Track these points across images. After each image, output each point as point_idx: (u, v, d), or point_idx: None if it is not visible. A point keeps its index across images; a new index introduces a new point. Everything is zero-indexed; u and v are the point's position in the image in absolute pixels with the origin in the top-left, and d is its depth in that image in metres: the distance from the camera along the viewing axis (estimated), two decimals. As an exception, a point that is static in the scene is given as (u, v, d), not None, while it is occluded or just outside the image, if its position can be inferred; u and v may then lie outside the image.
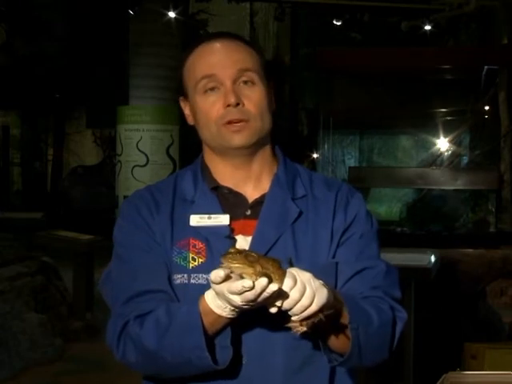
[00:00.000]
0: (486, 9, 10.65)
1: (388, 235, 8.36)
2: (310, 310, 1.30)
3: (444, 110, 11.35)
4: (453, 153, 11.25)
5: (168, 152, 8.78)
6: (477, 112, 10.89)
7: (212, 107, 1.52)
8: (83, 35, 13.24)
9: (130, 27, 9.19)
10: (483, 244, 7.05)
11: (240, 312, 1.33)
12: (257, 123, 1.53)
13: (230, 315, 1.34)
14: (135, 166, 8.72)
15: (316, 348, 1.46)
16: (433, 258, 4.48)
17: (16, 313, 5.53)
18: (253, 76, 1.54)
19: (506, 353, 3.63)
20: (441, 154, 11.31)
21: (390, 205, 12.04)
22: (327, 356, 1.43)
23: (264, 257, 1.32)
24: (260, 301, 1.27)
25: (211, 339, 1.39)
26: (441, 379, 2.09)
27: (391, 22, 11.35)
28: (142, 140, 8.70)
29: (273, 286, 1.25)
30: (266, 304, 1.30)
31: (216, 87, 1.52)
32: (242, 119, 1.51)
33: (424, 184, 10.53)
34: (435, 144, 11.40)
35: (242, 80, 1.53)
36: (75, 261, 6.71)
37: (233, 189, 1.57)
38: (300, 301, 1.28)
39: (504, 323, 5.10)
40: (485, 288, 5.80)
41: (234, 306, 1.31)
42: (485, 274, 5.96)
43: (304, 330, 1.33)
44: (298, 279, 1.29)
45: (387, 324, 1.49)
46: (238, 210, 1.55)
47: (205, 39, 1.58)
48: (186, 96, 1.59)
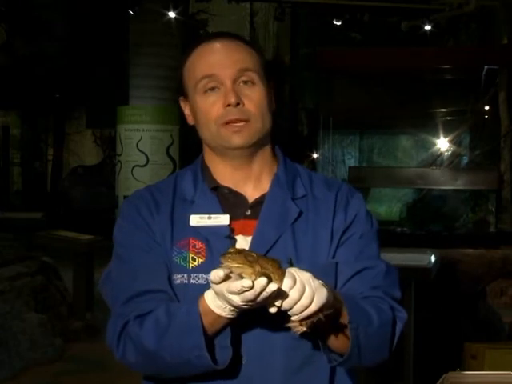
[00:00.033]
0: (486, 9, 10.65)
1: (388, 235, 8.36)
2: (310, 310, 1.30)
3: (444, 110, 11.34)
4: (453, 153, 11.25)
5: (168, 152, 8.78)
6: (477, 112, 10.88)
7: (212, 107, 1.52)
8: (83, 35, 13.24)
9: (130, 27, 9.18)
10: (483, 244, 7.05)
11: (240, 312, 1.33)
12: (257, 123, 1.52)
13: (230, 315, 1.34)
14: (135, 166, 8.72)
15: (316, 348, 1.46)
16: (433, 258, 4.47)
17: (16, 313, 5.52)
18: (253, 76, 1.53)
19: (506, 353, 3.63)
20: (441, 154, 11.31)
21: (390, 205, 12.02)
22: (327, 356, 1.43)
23: (263, 257, 1.32)
24: (259, 301, 1.27)
25: (211, 339, 1.39)
26: (441, 379, 2.09)
27: (391, 22, 11.35)
28: (142, 140, 8.70)
29: (272, 286, 1.25)
30: (266, 304, 1.30)
31: (216, 87, 1.52)
32: (242, 119, 1.51)
33: (424, 184, 10.53)
34: (435, 144, 11.39)
35: (242, 80, 1.53)
36: (75, 261, 6.71)
37: (233, 189, 1.57)
38: (299, 301, 1.28)
39: (504, 323, 5.10)
40: (485, 288, 5.80)
41: (234, 306, 1.30)
42: (485, 274, 5.96)
43: (304, 330, 1.33)
44: (298, 279, 1.29)
45: (387, 324, 1.48)
46: (238, 210, 1.55)
47: (205, 39, 1.58)
48: (186, 96, 1.59)
